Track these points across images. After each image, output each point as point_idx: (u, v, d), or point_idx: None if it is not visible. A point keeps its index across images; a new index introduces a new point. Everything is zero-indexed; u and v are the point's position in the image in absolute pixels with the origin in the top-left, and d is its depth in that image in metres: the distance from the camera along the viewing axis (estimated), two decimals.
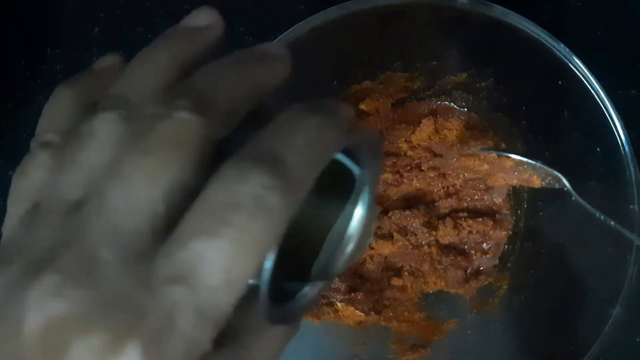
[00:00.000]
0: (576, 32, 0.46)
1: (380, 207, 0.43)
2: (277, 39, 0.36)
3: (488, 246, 0.42)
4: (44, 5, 0.50)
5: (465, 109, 0.44)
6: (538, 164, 0.39)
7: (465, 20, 0.36)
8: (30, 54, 0.49)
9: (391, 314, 0.42)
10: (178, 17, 0.54)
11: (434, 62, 0.41)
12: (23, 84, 0.48)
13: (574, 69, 0.35)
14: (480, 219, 0.42)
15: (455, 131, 0.44)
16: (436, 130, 0.43)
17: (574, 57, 0.35)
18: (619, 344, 0.39)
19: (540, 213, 0.41)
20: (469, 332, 0.41)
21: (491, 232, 0.42)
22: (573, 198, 0.37)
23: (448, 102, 0.44)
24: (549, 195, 0.40)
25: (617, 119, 0.34)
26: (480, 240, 0.42)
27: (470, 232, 0.42)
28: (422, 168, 0.43)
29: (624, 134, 0.34)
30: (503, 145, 0.42)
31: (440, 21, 0.37)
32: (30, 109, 0.48)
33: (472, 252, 0.42)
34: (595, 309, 0.35)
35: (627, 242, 0.33)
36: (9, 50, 0.49)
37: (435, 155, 0.43)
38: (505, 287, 0.42)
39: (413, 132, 0.43)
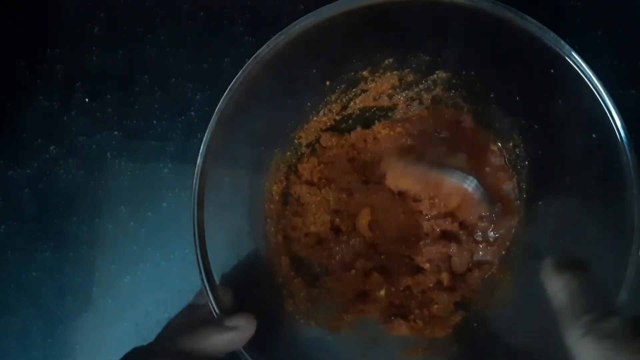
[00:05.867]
0: (576, 32, 0.46)
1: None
2: (270, 40, 0.36)
3: (496, 235, 0.42)
4: (44, 5, 0.50)
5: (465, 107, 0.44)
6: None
7: (464, 17, 0.36)
8: (30, 54, 0.49)
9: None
10: (178, 17, 0.55)
11: (427, 58, 0.41)
12: (23, 84, 0.48)
13: (575, 66, 0.35)
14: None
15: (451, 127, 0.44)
16: None
17: (574, 54, 0.35)
18: None
19: (540, 202, 0.41)
20: (475, 324, 0.41)
21: (502, 223, 0.42)
22: None
23: (444, 97, 0.44)
24: (548, 188, 0.40)
25: (618, 118, 0.34)
26: (488, 226, 0.42)
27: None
28: None
29: (624, 134, 0.34)
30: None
31: (438, 18, 0.37)
32: (30, 109, 0.48)
33: (479, 239, 0.43)
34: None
35: (627, 241, 0.33)
36: (9, 50, 0.49)
37: None
38: (509, 278, 0.42)
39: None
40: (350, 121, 0.45)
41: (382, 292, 0.43)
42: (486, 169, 0.43)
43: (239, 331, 0.34)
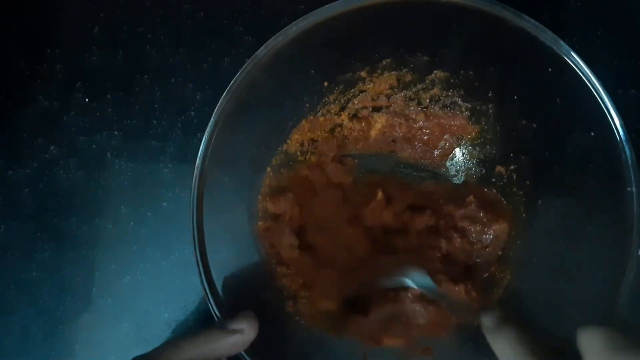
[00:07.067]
0: (576, 32, 0.46)
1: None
2: (267, 42, 0.36)
3: (489, 237, 0.42)
4: (44, 5, 0.50)
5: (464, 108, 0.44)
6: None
7: (462, 17, 0.36)
8: (30, 54, 0.49)
9: None
10: (178, 17, 0.55)
11: (426, 58, 0.41)
12: (23, 84, 0.48)
13: (573, 66, 0.35)
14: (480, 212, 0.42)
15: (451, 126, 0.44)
16: None
17: (573, 54, 0.35)
18: None
19: (539, 201, 0.41)
20: (476, 324, 0.41)
21: (494, 226, 0.42)
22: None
23: (443, 96, 0.44)
24: (548, 187, 0.40)
25: (617, 117, 0.34)
26: (481, 230, 0.42)
27: (471, 221, 0.42)
28: None
29: (623, 133, 0.34)
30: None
31: (436, 18, 0.37)
32: (30, 109, 0.48)
33: (474, 242, 0.42)
34: (595, 307, 0.35)
35: (626, 241, 0.33)
36: (9, 50, 0.49)
37: None
38: (508, 276, 0.42)
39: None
40: None
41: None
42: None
43: (243, 334, 0.33)
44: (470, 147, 0.45)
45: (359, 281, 0.42)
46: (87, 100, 0.48)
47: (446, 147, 0.45)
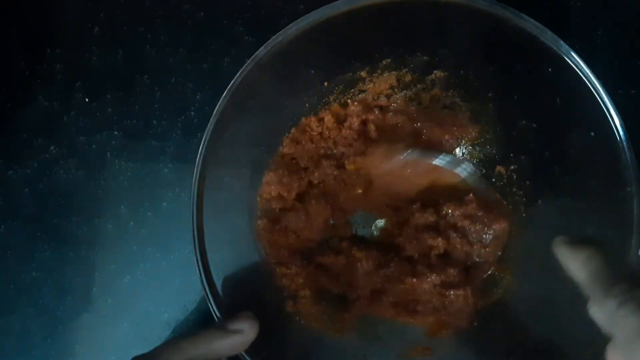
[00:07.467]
0: (576, 32, 0.46)
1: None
2: (267, 42, 0.36)
3: (489, 237, 0.42)
4: (44, 5, 0.50)
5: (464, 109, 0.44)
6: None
7: (462, 17, 0.36)
8: (30, 54, 0.49)
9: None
10: (178, 17, 0.55)
11: (425, 58, 0.41)
12: (23, 84, 0.49)
13: (573, 66, 0.35)
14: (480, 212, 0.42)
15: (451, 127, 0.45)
16: None
17: (573, 54, 0.35)
18: None
19: (539, 201, 0.41)
20: (475, 324, 0.41)
21: (495, 226, 0.42)
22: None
23: (443, 97, 0.44)
24: (548, 187, 0.40)
25: (617, 117, 0.34)
26: (481, 229, 0.42)
27: (471, 221, 0.42)
28: None
29: (623, 133, 0.34)
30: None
31: (436, 17, 0.37)
32: (30, 109, 0.48)
33: (474, 242, 0.42)
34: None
35: (626, 241, 0.33)
36: (9, 50, 0.49)
37: None
38: (509, 276, 0.42)
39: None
40: None
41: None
42: None
43: (243, 335, 0.34)
44: (470, 147, 0.45)
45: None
46: (87, 100, 0.48)
47: (446, 147, 0.45)
